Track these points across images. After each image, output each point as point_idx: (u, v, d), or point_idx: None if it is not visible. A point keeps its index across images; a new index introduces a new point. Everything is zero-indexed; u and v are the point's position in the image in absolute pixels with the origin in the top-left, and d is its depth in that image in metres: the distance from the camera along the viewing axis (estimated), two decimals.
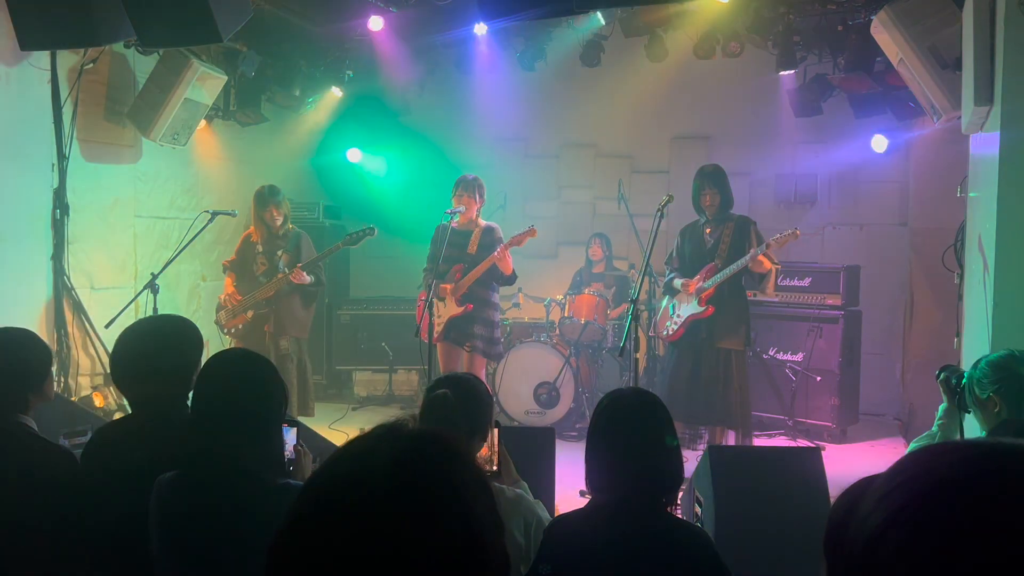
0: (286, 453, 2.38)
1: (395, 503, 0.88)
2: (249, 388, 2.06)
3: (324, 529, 0.89)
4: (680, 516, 3.54)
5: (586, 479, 2.12)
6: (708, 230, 5.32)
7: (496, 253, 5.27)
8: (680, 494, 3.69)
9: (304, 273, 5.47)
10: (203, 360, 2.54)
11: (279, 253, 5.72)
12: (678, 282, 5.34)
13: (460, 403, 2.30)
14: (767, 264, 5.08)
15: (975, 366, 2.67)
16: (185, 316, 2.86)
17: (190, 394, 2.38)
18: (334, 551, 0.87)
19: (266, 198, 5.69)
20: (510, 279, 5.44)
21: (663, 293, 5.77)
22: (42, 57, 5.21)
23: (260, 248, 5.70)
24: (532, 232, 5.36)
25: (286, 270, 5.59)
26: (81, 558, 2.42)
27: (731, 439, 5.25)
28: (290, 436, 2.43)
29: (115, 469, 2.25)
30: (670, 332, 5.35)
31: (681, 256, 5.43)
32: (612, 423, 2.13)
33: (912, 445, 3.11)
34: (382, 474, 0.91)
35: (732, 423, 5.17)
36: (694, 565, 1.99)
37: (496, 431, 2.53)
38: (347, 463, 0.95)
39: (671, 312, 5.40)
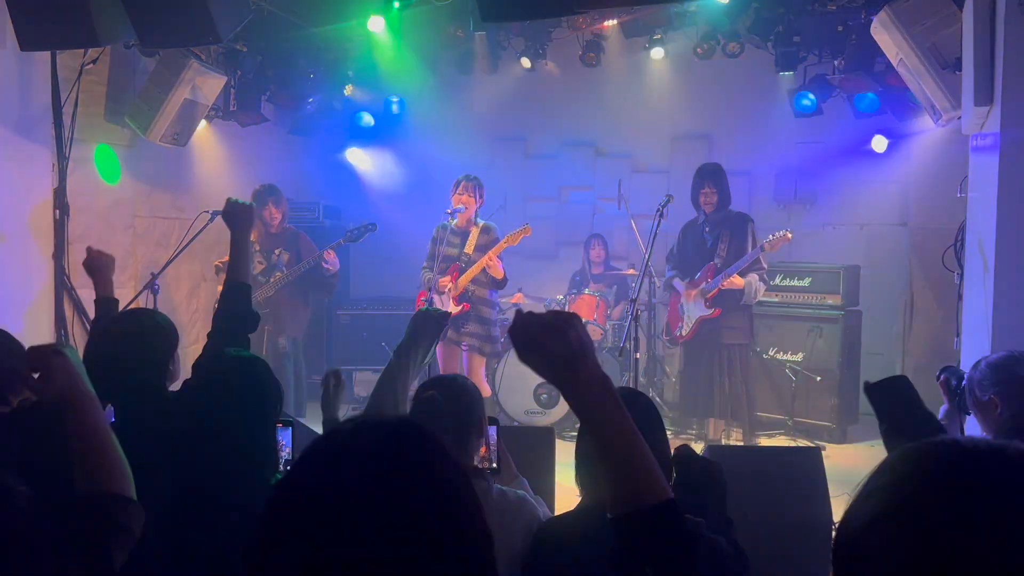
0: (283, 453, 2.38)
1: (370, 492, 0.89)
2: (242, 387, 2.07)
3: (301, 520, 0.90)
4: None
5: (576, 477, 2.12)
6: (707, 229, 5.36)
7: (485, 258, 5.28)
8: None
9: (335, 254, 5.54)
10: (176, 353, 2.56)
11: (277, 251, 5.74)
12: (679, 284, 5.39)
13: (448, 403, 2.30)
14: (738, 282, 5.13)
15: (975, 367, 2.66)
16: (184, 315, 2.88)
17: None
18: (311, 542, 0.88)
19: (263, 197, 5.72)
20: (501, 284, 5.44)
21: (663, 289, 5.81)
22: (42, 57, 5.21)
23: (257, 247, 5.71)
24: (526, 230, 5.37)
25: (285, 268, 5.60)
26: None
27: (734, 438, 5.29)
28: (285, 436, 2.43)
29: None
30: (683, 333, 5.42)
31: (682, 254, 5.48)
32: None
33: None
34: (356, 464, 0.92)
35: (740, 417, 5.25)
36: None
37: (494, 429, 2.53)
38: (322, 455, 0.96)
39: (681, 313, 5.45)
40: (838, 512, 0.93)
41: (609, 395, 1.20)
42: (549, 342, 1.16)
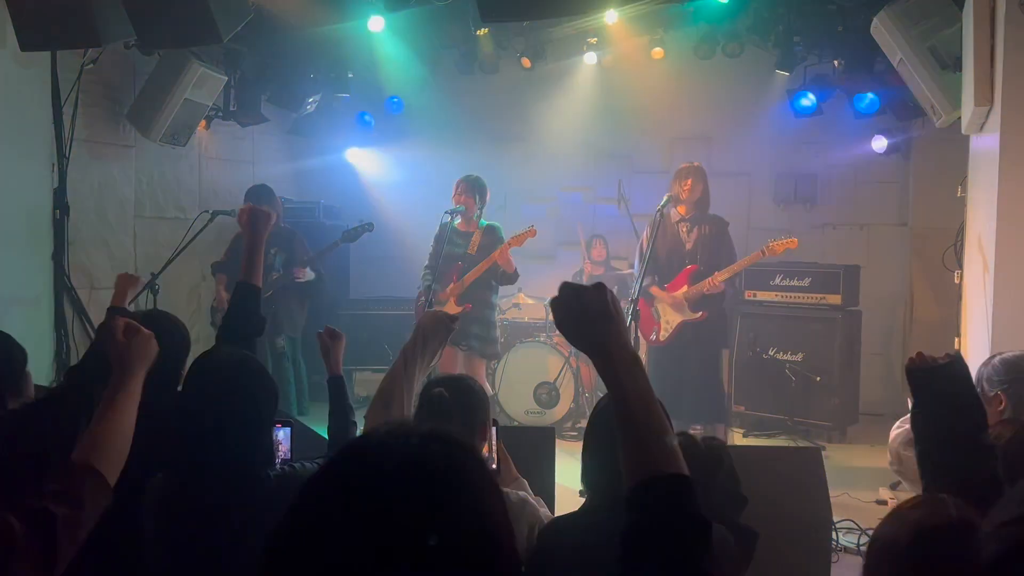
0: (281, 452, 2.39)
1: (406, 504, 0.85)
2: (237, 386, 2.09)
3: (330, 529, 0.85)
4: None
5: (582, 477, 2.11)
6: (683, 228, 5.32)
7: (497, 252, 5.27)
8: None
9: (307, 269, 5.54)
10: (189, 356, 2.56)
11: (272, 251, 5.76)
12: (656, 289, 5.36)
13: (456, 402, 2.29)
14: (720, 285, 5.15)
15: (987, 362, 2.64)
16: (184, 316, 2.89)
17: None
18: (341, 552, 0.84)
19: (257, 197, 5.76)
20: (512, 277, 5.43)
21: (640, 296, 5.69)
22: (42, 57, 5.21)
23: None
24: (531, 232, 5.37)
25: (281, 269, 5.61)
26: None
27: (719, 433, 5.29)
28: (283, 436, 2.44)
29: None
30: (659, 338, 5.36)
31: (654, 256, 5.37)
32: (609, 421, 2.12)
33: (894, 428, 3.13)
34: (392, 474, 0.88)
35: (723, 419, 5.25)
36: None
37: (494, 430, 2.52)
38: (354, 463, 0.92)
39: (656, 317, 5.40)
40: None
41: (637, 364, 1.27)
42: (589, 306, 1.30)
